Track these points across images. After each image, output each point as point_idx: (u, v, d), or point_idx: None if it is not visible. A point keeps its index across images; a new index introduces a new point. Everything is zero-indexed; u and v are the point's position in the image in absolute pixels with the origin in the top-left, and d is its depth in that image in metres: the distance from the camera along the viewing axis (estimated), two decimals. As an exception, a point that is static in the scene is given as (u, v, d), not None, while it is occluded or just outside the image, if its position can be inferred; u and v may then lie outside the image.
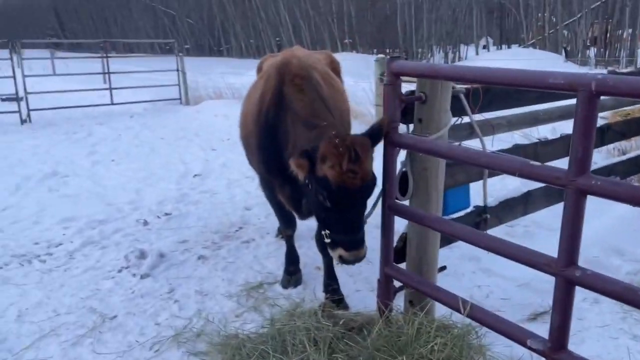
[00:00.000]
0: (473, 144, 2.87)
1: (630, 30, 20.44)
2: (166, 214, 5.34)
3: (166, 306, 3.58)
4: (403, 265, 3.03)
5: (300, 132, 2.96)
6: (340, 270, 3.74)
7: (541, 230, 4.63)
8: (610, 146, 6.37)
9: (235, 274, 4.04)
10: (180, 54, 13.29)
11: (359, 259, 2.65)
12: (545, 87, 1.90)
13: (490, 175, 3.50)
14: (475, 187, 3.35)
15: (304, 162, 2.56)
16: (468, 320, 2.61)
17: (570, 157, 1.88)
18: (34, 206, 5.57)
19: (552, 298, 3.62)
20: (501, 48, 25.95)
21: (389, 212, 2.76)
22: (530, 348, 2.15)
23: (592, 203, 1.92)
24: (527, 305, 3.44)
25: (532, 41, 22.95)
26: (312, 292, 3.66)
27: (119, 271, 4.10)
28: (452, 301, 2.50)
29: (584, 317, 3.25)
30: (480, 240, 2.30)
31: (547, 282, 3.76)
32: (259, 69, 4.42)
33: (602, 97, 4.24)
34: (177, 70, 13.04)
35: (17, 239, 4.74)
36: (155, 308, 3.55)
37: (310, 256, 4.21)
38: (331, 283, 3.56)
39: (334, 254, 2.69)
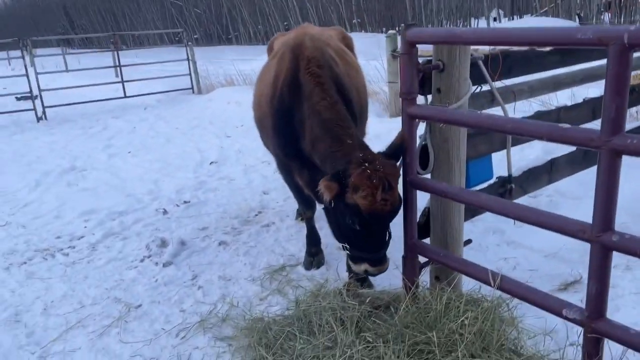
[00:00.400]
0: (494, 112, 2.77)
1: (646, -7, 19.79)
2: (185, 202, 5.33)
3: (190, 293, 3.57)
4: (427, 241, 2.96)
5: (319, 134, 2.91)
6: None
7: (565, 199, 4.51)
8: (633, 110, 6.19)
9: (257, 258, 4.01)
10: (190, 43, 13.23)
11: (382, 271, 2.75)
12: (574, 43, 1.80)
13: (514, 143, 3.41)
14: (495, 158, 3.25)
15: (333, 186, 2.55)
16: (498, 293, 2.55)
17: (603, 117, 1.78)
18: (54, 201, 5.60)
19: (581, 267, 3.54)
20: (512, 19, 25.38)
21: (411, 187, 2.68)
22: (566, 318, 2.08)
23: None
24: (555, 276, 3.36)
25: (544, 9, 22.36)
26: (336, 272, 3.62)
27: (142, 261, 4.10)
28: (481, 274, 2.43)
29: (616, 285, 3.15)
30: (509, 210, 2.22)
31: (575, 251, 3.69)
32: (270, 49, 4.34)
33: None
34: (188, 59, 12.99)
35: (40, 233, 4.77)
36: (179, 295, 3.54)
37: (331, 237, 4.14)
38: (354, 263, 3.51)
39: (358, 268, 2.74)
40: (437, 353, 2.34)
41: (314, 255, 3.80)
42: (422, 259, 2.86)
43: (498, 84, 3.02)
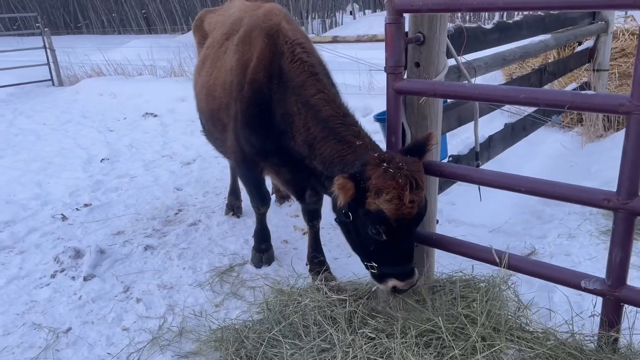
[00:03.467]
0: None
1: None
2: (85, 205, 4.63)
3: (128, 307, 3.07)
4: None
5: (319, 135, 2.53)
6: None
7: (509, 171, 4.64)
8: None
9: (195, 260, 3.58)
10: (47, 30, 11.74)
11: (413, 286, 2.32)
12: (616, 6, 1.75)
13: (465, 122, 3.43)
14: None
15: (349, 186, 2.12)
16: (487, 272, 2.51)
17: (634, 81, 1.76)
18: None
19: (529, 239, 3.66)
20: (365, 14, 26.46)
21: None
22: (585, 289, 2.07)
23: None
24: (511, 249, 3.40)
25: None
26: (291, 267, 3.36)
27: (52, 276, 3.45)
28: (483, 254, 2.35)
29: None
30: (521, 185, 2.14)
31: (517, 225, 3.81)
32: (199, 29, 3.86)
33: (545, 38, 4.25)
34: (45, 47, 11.52)
35: None
36: (115, 312, 3.02)
37: (276, 231, 3.86)
38: (317, 255, 3.27)
39: (384, 286, 2.32)
40: (446, 340, 2.22)
41: (264, 252, 3.47)
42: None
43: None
